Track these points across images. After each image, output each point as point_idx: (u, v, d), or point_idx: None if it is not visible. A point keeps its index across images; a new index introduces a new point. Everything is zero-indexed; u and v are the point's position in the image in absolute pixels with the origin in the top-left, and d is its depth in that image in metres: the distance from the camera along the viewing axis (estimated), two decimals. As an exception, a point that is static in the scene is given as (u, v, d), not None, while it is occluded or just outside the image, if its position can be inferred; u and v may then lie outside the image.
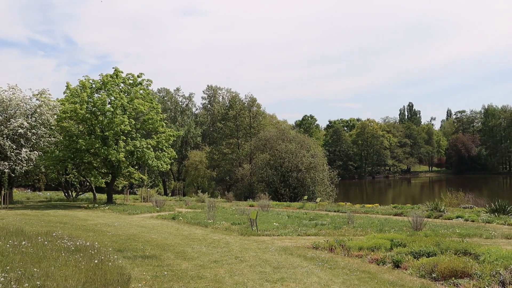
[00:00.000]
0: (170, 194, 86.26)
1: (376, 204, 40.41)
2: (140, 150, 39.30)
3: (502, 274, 9.62)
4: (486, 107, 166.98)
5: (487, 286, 9.38)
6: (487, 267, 10.59)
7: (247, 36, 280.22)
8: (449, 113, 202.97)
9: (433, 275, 10.55)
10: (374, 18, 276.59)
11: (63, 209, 34.25)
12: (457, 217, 26.77)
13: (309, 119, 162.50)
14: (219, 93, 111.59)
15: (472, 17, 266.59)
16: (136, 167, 48.53)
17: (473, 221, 25.04)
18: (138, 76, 42.49)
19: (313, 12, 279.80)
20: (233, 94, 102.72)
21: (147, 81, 42.94)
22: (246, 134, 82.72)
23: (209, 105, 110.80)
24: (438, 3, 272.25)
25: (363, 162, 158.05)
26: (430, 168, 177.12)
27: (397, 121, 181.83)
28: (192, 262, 12.58)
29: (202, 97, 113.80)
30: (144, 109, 40.78)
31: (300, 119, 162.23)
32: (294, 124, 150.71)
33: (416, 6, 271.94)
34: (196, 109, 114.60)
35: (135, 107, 39.98)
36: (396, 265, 11.99)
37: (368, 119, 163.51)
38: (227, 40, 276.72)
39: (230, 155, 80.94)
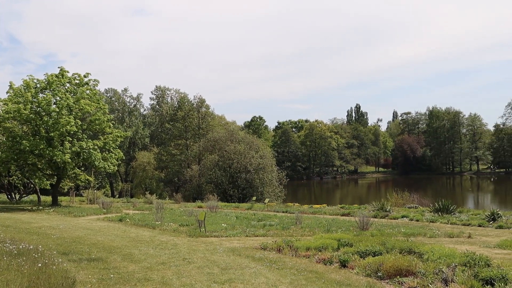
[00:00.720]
0: (117, 195, 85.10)
1: (324, 205, 40.81)
2: (86, 151, 38.65)
3: (444, 272, 9.82)
4: (431, 109, 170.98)
5: (430, 283, 9.55)
6: (430, 265, 10.80)
7: (196, 36, 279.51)
8: (395, 115, 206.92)
9: (379, 274, 10.69)
10: (323, 19, 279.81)
11: (5, 212, 33.30)
12: (403, 216, 27.32)
13: (258, 120, 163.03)
14: (167, 93, 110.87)
15: (417, 20, 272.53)
16: (83, 168, 47.66)
17: (417, 220, 25.59)
18: (85, 76, 41.79)
19: (262, 13, 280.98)
20: (182, 95, 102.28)
21: (94, 81, 42.29)
22: (195, 135, 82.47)
23: (157, 106, 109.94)
24: (385, 6, 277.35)
25: (311, 163, 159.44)
26: (377, 168, 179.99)
27: (345, 122, 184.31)
28: (139, 264, 12.42)
29: (150, 98, 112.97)
30: (91, 110, 40.10)
31: (249, 120, 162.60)
32: (243, 125, 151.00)
33: (364, 8, 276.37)
34: (144, 110, 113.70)
35: (81, 107, 39.28)
36: (343, 264, 12.10)
37: (316, 120, 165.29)
38: (176, 41, 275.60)
39: (179, 156, 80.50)
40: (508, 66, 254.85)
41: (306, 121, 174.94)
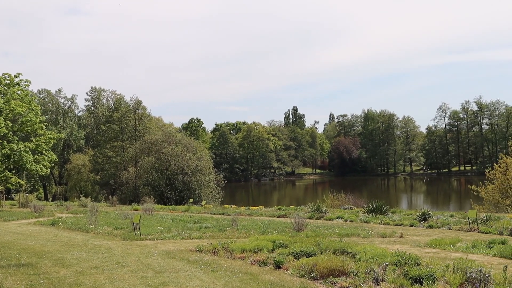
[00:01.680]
0: (51, 199, 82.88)
1: (261, 206, 40.96)
2: (17, 153, 37.53)
3: (376, 271, 10.00)
4: (366, 111, 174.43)
5: (362, 283, 9.71)
6: (362, 265, 10.97)
7: (133, 37, 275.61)
8: (331, 117, 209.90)
9: (313, 275, 10.80)
10: (261, 22, 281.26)
11: None
12: (338, 217, 27.71)
13: (196, 122, 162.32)
14: (103, 95, 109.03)
15: (353, 25, 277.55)
16: (14, 171, 46.26)
17: (352, 221, 26.02)
18: (16, 76, 40.61)
19: (200, 15, 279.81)
20: (118, 96, 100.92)
21: (25, 82, 41.16)
22: (131, 137, 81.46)
23: (92, 107, 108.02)
24: (321, 11, 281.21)
25: (249, 165, 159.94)
26: (314, 170, 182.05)
27: (282, 124, 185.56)
28: (71, 269, 12.15)
29: (85, 99, 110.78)
30: (22, 111, 38.95)
31: (187, 122, 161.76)
32: (180, 127, 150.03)
33: (300, 13, 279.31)
34: (79, 111, 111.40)
35: (12, 108, 38.08)
36: (278, 266, 12.17)
37: (254, 122, 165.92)
38: (112, 41, 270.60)
39: (115, 158, 79.33)
40: (438, 70, 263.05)
41: (244, 123, 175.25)
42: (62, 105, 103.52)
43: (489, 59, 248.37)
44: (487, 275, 9.11)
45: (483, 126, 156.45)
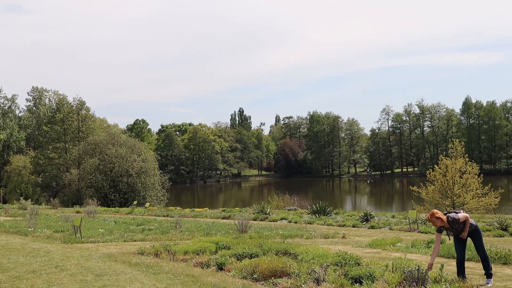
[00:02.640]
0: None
1: (206, 208, 40.87)
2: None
3: (317, 272, 10.06)
4: (312, 113, 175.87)
5: (303, 283, 9.76)
6: (304, 265, 11.02)
7: (77, 36, 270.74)
8: (277, 119, 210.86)
9: (255, 276, 10.78)
10: (206, 24, 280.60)
11: None
12: (282, 219, 27.88)
13: (141, 123, 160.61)
14: (45, 95, 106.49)
15: (300, 28, 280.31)
16: None
17: (296, 222, 26.21)
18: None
19: (145, 14, 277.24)
20: (61, 97, 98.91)
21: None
22: (74, 138, 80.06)
23: (34, 108, 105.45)
24: (266, 14, 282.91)
25: (195, 167, 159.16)
26: (260, 172, 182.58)
27: (228, 126, 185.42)
28: (7, 273, 11.79)
29: (26, 99, 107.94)
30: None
31: (132, 123, 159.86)
32: (125, 128, 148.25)
33: (247, 14, 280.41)
34: (20, 112, 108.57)
35: None
36: (220, 267, 12.11)
37: (200, 124, 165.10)
38: (55, 40, 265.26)
39: (57, 160, 77.79)
40: (382, 73, 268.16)
41: (190, 124, 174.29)
42: (1, 105, 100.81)
43: (430, 63, 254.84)
44: (424, 274, 9.31)
45: (424, 129, 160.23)
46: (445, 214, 9.83)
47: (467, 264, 10.66)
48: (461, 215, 9.72)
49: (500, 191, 39.06)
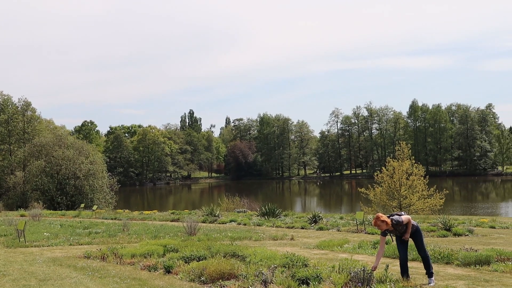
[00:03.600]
0: None
1: (155, 211, 40.55)
2: None
3: (264, 274, 10.10)
4: (262, 115, 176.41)
5: (251, 285, 9.78)
6: (252, 267, 11.05)
7: (22, 35, 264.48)
8: (228, 121, 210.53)
9: (202, 279, 10.75)
10: (156, 24, 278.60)
11: None
12: (231, 221, 27.86)
13: (89, 125, 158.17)
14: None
15: (249, 30, 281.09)
16: None
17: (245, 224, 26.21)
18: None
19: (93, 13, 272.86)
20: (5, 97, 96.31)
21: None
22: (20, 140, 78.26)
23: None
24: (217, 15, 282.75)
25: (144, 169, 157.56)
26: (210, 174, 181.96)
27: (179, 128, 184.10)
28: None
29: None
30: None
31: (80, 124, 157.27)
32: (73, 130, 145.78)
33: (197, 15, 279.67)
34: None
35: None
36: (168, 270, 12.03)
37: (150, 126, 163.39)
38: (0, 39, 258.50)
39: (1, 162, 75.78)
40: (331, 76, 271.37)
41: (140, 126, 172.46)
42: None
43: (379, 67, 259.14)
44: (369, 274, 9.45)
45: (373, 131, 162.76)
46: (388, 217, 10.00)
47: (411, 264, 10.87)
48: (404, 217, 9.91)
49: (444, 192, 39.95)
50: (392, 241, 10.95)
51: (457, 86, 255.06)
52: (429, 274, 10.10)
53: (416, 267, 11.11)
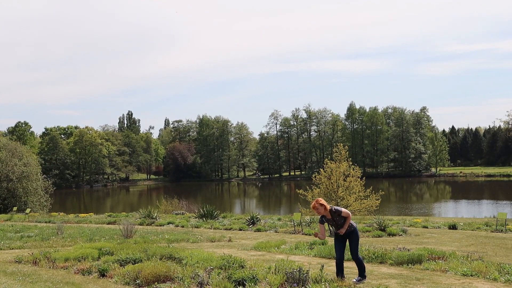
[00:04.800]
0: None
1: (91, 214, 39.85)
2: None
3: (200, 276, 10.07)
4: (201, 117, 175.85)
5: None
6: (188, 269, 10.99)
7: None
8: (167, 122, 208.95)
9: (138, 282, 10.61)
10: (93, 24, 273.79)
11: None
12: (169, 223, 27.65)
13: (23, 126, 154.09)
14: None
15: (188, 31, 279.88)
16: None
17: (183, 226, 26.06)
18: None
19: (26, 12, 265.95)
20: None
21: None
22: (-51, 141, 75.42)
23: None
24: (157, 15, 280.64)
25: (81, 171, 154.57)
26: (149, 176, 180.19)
27: (117, 129, 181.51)
28: None
29: None
30: None
31: (13, 125, 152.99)
32: (6, 131, 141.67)
33: (136, 15, 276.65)
34: None
35: None
36: (102, 274, 11.83)
37: (87, 127, 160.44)
38: None
39: None
40: (270, 79, 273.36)
41: (76, 127, 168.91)
42: None
43: (317, 70, 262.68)
44: (305, 275, 9.54)
45: (311, 133, 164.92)
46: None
47: (347, 264, 11.03)
48: (344, 210, 10.06)
49: (380, 193, 40.81)
50: (330, 233, 11.05)
51: (393, 90, 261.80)
52: (362, 276, 10.28)
53: (351, 267, 11.26)
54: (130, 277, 10.96)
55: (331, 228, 10.66)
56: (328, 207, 10.03)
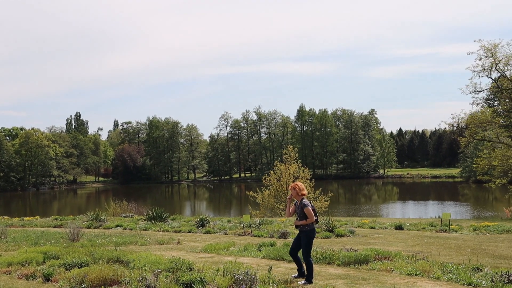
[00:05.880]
0: None
1: (37, 217, 39.06)
2: None
3: (148, 279, 9.98)
4: (151, 118, 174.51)
5: (134, 291, 9.64)
6: (136, 273, 10.89)
7: None
8: (116, 124, 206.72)
9: (84, 286, 10.42)
10: (38, 23, 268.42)
11: None
12: (117, 226, 27.31)
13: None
14: None
15: (137, 32, 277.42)
16: None
17: (131, 229, 25.75)
18: None
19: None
20: None
21: None
22: None
23: None
24: (105, 15, 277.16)
25: (26, 173, 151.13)
26: (97, 178, 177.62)
27: (64, 131, 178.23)
28: None
29: None
30: None
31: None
32: None
33: (83, 15, 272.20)
34: None
35: None
36: (47, 278, 11.56)
37: (33, 128, 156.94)
38: None
39: None
40: (221, 80, 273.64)
41: (22, 129, 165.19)
42: None
43: (267, 72, 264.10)
44: (253, 276, 9.58)
45: (262, 135, 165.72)
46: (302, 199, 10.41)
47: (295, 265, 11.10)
48: (309, 211, 10.23)
49: (329, 194, 41.33)
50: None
51: (343, 92, 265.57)
52: (308, 280, 10.31)
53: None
54: (76, 281, 10.76)
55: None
56: (301, 195, 10.42)
